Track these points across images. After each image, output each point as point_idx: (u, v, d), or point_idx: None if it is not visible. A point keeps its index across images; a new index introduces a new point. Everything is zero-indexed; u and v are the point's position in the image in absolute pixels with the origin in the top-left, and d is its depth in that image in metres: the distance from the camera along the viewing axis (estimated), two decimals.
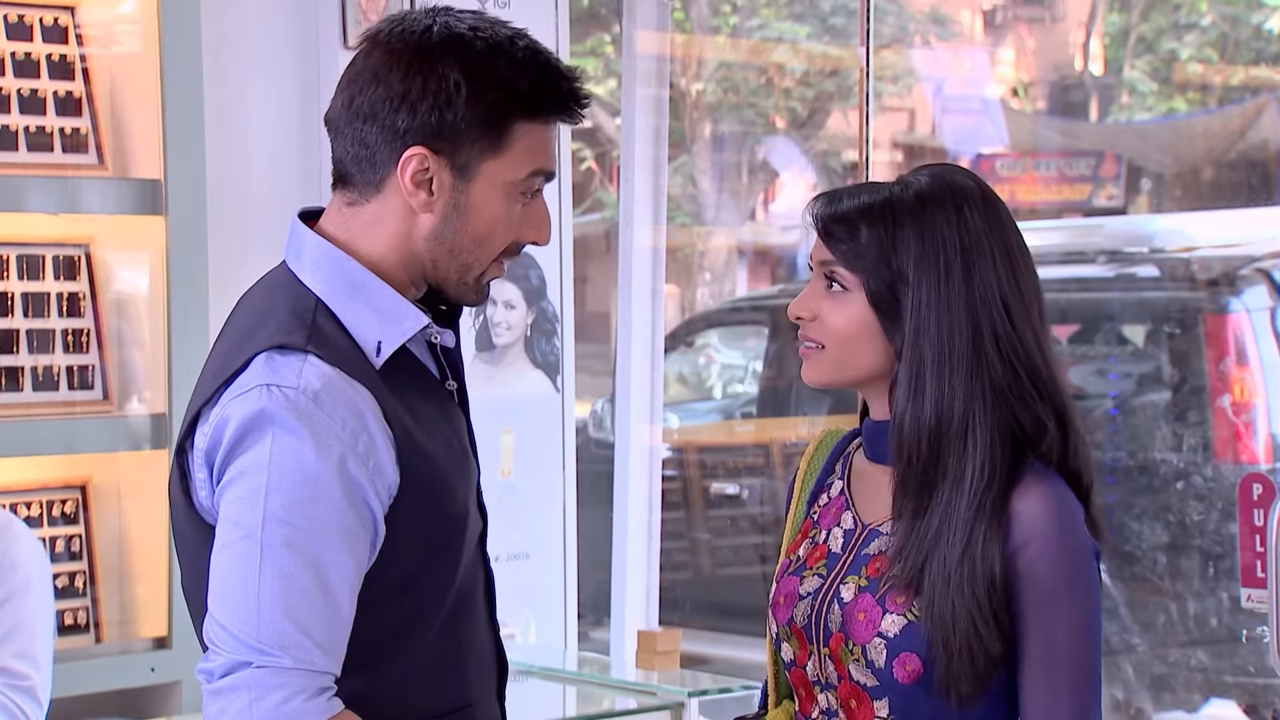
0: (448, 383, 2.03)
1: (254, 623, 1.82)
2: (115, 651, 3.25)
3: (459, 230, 1.94)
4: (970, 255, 1.96)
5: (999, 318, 1.95)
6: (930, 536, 1.92)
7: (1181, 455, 5.81)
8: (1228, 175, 10.90)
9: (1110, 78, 13.89)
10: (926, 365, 1.94)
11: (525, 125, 1.93)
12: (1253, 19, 12.20)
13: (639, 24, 4.33)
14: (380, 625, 1.92)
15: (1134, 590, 5.85)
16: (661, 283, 4.42)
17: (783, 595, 2.04)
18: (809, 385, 2.05)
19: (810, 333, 2.01)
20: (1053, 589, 1.92)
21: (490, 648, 2.07)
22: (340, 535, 1.85)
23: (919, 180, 2.00)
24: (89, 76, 3.30)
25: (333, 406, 1.86)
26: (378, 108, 1.91)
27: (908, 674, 1.92)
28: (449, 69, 1.90)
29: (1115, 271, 6.39)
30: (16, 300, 3.20)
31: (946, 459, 1.94)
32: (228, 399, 1.88)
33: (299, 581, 1.83)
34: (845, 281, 1.98)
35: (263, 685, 1.82)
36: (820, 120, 13.00)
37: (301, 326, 1.90)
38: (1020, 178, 12.80)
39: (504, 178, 1.94)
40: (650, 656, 3.69)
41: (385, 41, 1.94)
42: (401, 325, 1.94)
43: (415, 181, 1.92)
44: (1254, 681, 5.56)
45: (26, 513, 3.19)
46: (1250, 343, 5.77)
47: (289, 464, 1.84)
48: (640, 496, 4.36)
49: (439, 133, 1.90)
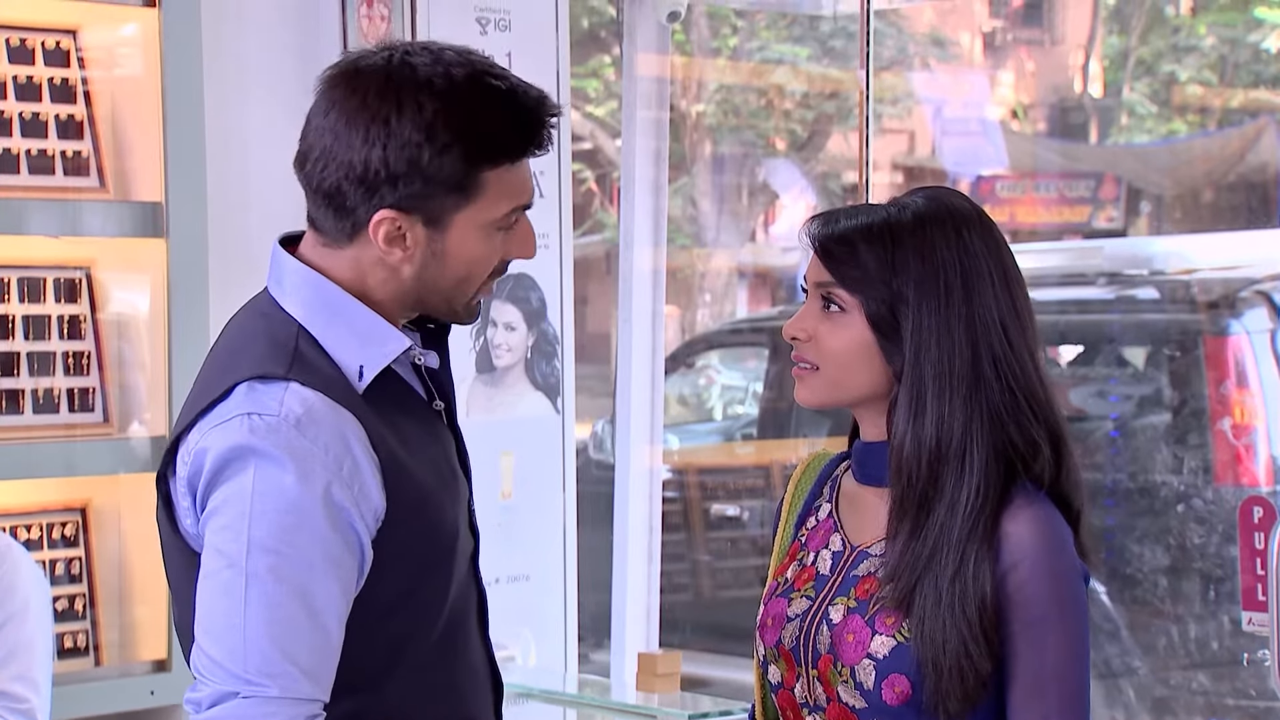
0: (435, 403, 2.02)
1: (240, 652, 1.82)
2: (115, 674, 3.25)
3: (440, 274, 1.94)
4: (970, 277, 1.96)
5: (997, 339, 1.96)
6: (925, 556, 1.92)
7: (1182, 478, 5.81)
8: (1227, 197, 10.91)
9: (1110, 100, 13.92)
10: (928, 387, 1.94)
11: (494, 171, 1.91)
12: (1250, 38, 12.22)
13: (639, 46, 4.33)
14: (372, 646, 1.92)
15: (1135, 613, 5.84)
16: (662, 304, 4.42)
17: (770, 617, 2.04)
18: (802, 406, 2.04)
19: (805, 354, 2.01)
20: (1042, 611, 1.92)
21: (485, 667, 2.07)
22: (326, 561, 1.85)
23: (915, 202, 2.00)
24: (90, 100, 3.30)
25: (315, 432, 1.85)
26: (341, 171, 1.89)
27: (896, 696, 1.92)
28: (409, 130, 1.87)
29: (1115, 293, 6.39)
30: (17, 323, 3.20)
31: (944, 480, 1.94)
32: (206, 427, 1.88)
33: (285, 609, 1.83)
34: (843, 302, 1.98)
35: (249, 716, 1.82)
36: (820, 142, 13.02)
37: (284, 355, 1.90)
38: (1020, 199, 12.82)
39: (479, 221, 1.93)
40: (650, 679, 3.68)
41: (340, 100, 1.90)
42: (383, 348, 1.94)
43: (388, 240, 1.91)
44: (1255, 704, 5.55)
45: (26, 535, 3.19)
46: (1250, 365, 5.76)
47: (272, 492, 1.84)
48: (640, 518, 4.36)
49: (406, 195, 1.89)
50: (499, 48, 3.72)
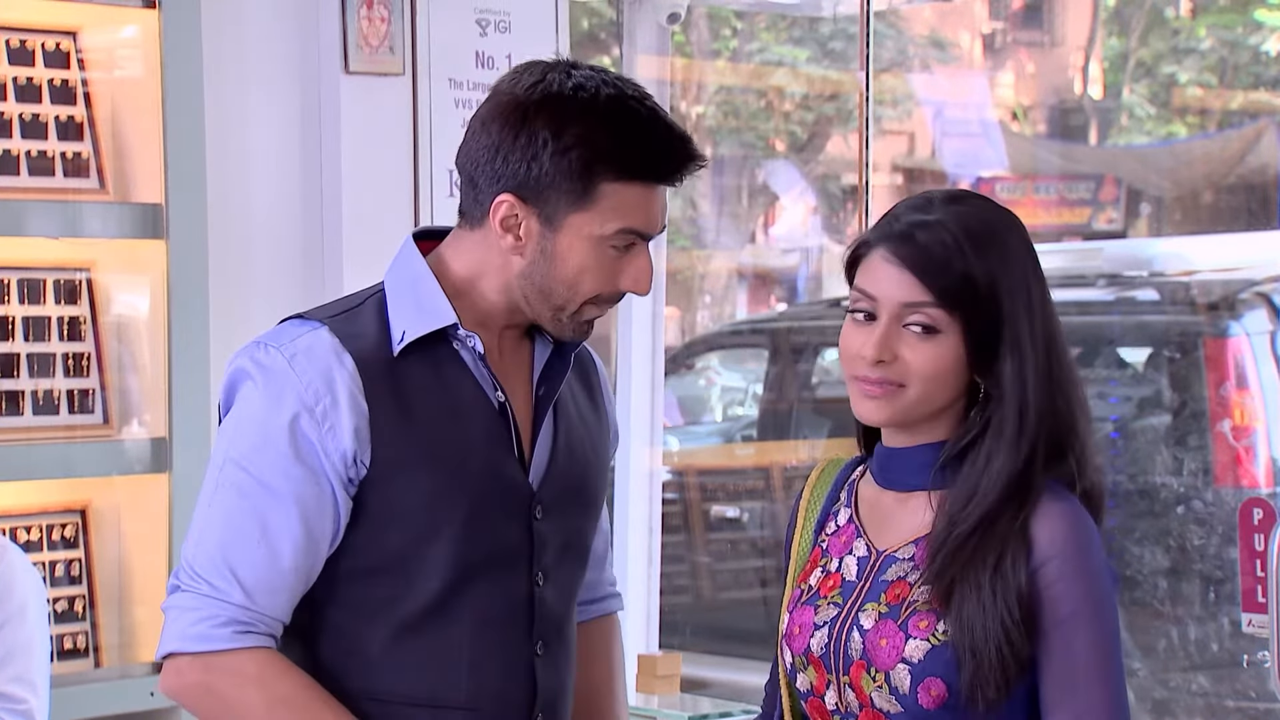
0: (497, 393, 2.08)
1: (193, 551, 2.03)
2: (114, 676, 3.25)
3: (547, 274, 2.05)
4: (1040, 282, 1.98)
5: (1061, 340, 1.99)
6: (957, 550, 1.93)
7: (1182, 479, 5.81)
8: (1227, 199, 10.92)
9: (1109, 101, 13.92)
10: (1029, 397, 1.94)
11: (613, 184, 2.02)
12: (1250, 40, 12.22)
13: (639, 48, 4.33)
14: (352, 600, 2.04)
15: (1135, 615, 5.84)
16: (661, 305, 4.42)
17: (798, 625, 2.03)
18: (867, 423, 2.00)
19: (890, 375, 1.96)
20: (1073, 608, 1.92)
21: (517, 664, 2.09)
22: (286, 485, 2.00)
23: (968, 208, 1.99)
24: (90, 101, 3.30)
25: (304, 367, 2.01)
26: (479, 155, 2.05)
27: (932, 699, 1.92)
28: (540, 125, 2.01)
29: (1115, 295, 6.39)
30: (17, 324, 3.20)
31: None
32: (242, 350, 2.07)
33: (238, 522, 2.01)
34: (937, 321, 1.94)
35: (181, 607, 2.02)
36: (820, 144, 13.02)
37: (341, 307, 2.08)
38: (1020, 201, 12.81)
39: (590, 231, 2.03)
40: (651, 680, 3.69)
41: (496, 95, 2.07)
42: (428, 321, 2.05)
43: (504, 226, 2.04)
44: (1255, 706, 5.55)
45: (26, 537, 3.19)
46: (1250, 367, 5.76)
47: (248, 414, 2.02)
48: (640, 520, 4.35)
49: (526, 183, 2.02)
50: (498, 49, 3.72)
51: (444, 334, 2.07)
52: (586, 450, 2.18)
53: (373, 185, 3.55)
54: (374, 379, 2.02)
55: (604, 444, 2.23)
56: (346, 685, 2.04)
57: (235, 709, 2.00)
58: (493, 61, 3.68)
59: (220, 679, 2.00)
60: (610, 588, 2.36)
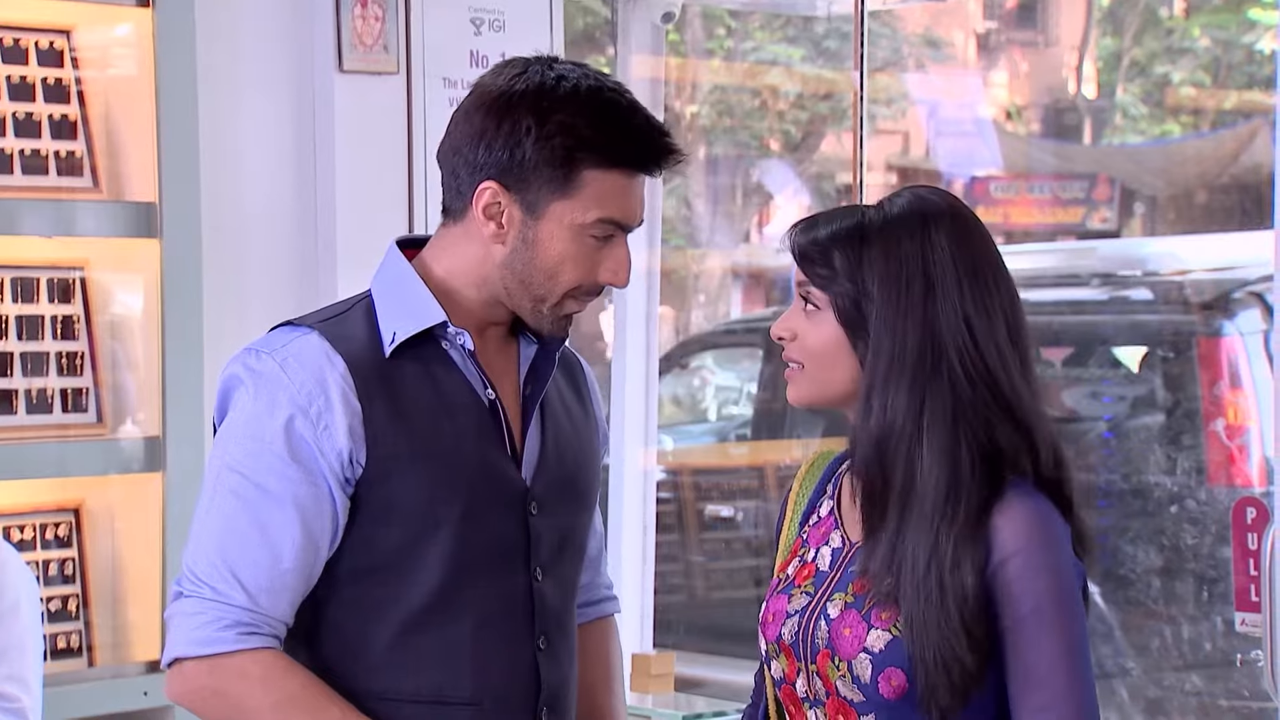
0: (487, 391, 2.10)
1: (194, 557, 2.04)
2: (108, 675, 3.24)
3: (528, 263, 2.07)
4: (933, 272, 1.97)
5: (961, 335, 1.96)
6: (892, 550, 1.94)
7: (1175, 479, 5.81)
8: (1220, 199, 10.93)
9: (1103, 101, 13.94)
10: (877, 378, 1.97)
11: (595, 172, 2.04)
12: (1243, 40, 12.23)
13: (633, 47, 4.34)
14: (354, 599, 2.06)
15: (1128, 614, 5.85)
16: (656, 305, 4.42)
17: (771, 613, 2.06)
18: (793, 405, 2.08)
19: (791, 353, 2.05)
20: (1034, 605, 1.92)
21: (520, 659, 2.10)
22: (283, 485, 2.01)
23: (894, 203, 2.04)
24: (84, 100, 3.30)
25: (296, 370, 2.03)
26: (462, 144, 2.08)
27: (893, 689, 1.93)
28: (523, 113, 2.04)
29: (1109, 294, 6.39)
30: (11, 323, 3.20)
31: (893, 472, 1.95)
32: (235, 358, 2.10)
33: (237, 525, 2.02)
34: (818, 301, 2.02)
35: (185, 612, 2.03)
36: (814, 143, 13.02)
37: (331, 313, 2.11)
38: (1014, 200, 12.82)
39: (571, 219, 2.05)
40: (645, 680, 3.69)
41: (479, 89, 2.10)
42: (418, 321, 2.07)
43: (487, 214, 2.06)
44: (1248, 705, 5.55)
45: (19, 536, 3.18)
46: (1244, 366, 5.77)
47: (244, 418, 2.04)
48: (635, 519, 4.36)
49: (509, 170, 2.04)
50: (493, 48, 3.72)
51: (433, 334, 2.09)
52: (575, 448, 2.20)
53: (367, 184, 3.55)
54: (366, 379, 2.04)
55: (593, 443, 2.25)
56: (351, 685, 2.05)
57: (243, 710, 2.02)
58: (487, 60, 3.68)
59: (227, 681, 2.01)
60: (606, 590, 2.37)
